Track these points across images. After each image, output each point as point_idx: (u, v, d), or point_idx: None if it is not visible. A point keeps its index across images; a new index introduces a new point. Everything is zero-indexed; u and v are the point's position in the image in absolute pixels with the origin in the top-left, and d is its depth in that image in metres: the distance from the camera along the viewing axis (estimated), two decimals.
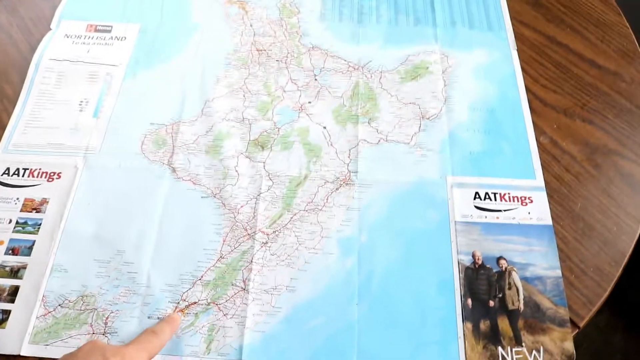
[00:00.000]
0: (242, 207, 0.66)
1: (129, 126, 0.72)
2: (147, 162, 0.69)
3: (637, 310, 1.44)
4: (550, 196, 0.68)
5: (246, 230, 0.64)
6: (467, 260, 0.63)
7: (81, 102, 0.74)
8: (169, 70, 0.77)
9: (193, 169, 0.68)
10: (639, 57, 0.81)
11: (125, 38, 0.80)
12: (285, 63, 0.78)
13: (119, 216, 0.65)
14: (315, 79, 0.76)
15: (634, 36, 0.84)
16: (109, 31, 0.80)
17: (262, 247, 0.63)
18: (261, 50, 0.79)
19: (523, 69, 0.78)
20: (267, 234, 0.64)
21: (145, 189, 0.67)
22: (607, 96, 0.77)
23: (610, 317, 1.44)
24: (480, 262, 0.63)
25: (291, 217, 0.65)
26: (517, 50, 0.81)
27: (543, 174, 0.69)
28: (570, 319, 0.60)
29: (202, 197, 0.66)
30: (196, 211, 0.66)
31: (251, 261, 0.62)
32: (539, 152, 0.71)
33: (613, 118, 0.75)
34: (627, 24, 0.85)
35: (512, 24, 0.84)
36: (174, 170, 0.68)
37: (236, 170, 0.68)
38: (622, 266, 0.64)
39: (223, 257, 0.63)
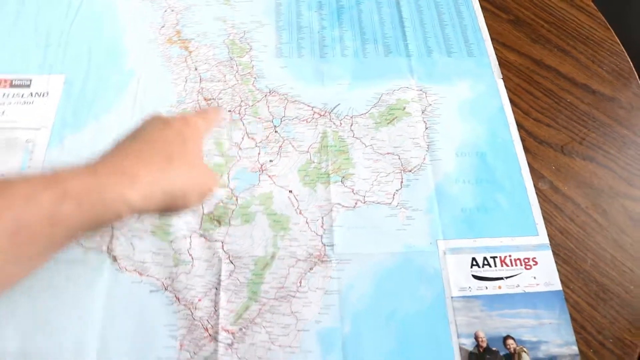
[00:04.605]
0: (200, 300, 0.55)
1: None
2: (82, 251, 0.57)
3: None
4: (556, 254, 0.59)
5: (207, 330, 0.53)
6: (469, 344, 0.54)
7: None
8: (102, 129, 0.64)
9: (138, 256, 0.57)
10: (634, 77, 0.73)
11: (47, 93, 0.67)
12: (239, 113, 0.66)
13: (50, 324, 0.53)
14: (276, 131, 0.65)
15: (626, 53, 0.75)
16: (28, 86, 0.67)
17: (227, 349, 0.53)
18: (210, 99, 0.67)
19: (512, 101, 0.69)
20: (233, 333, 0.53)
21: (81, 286, 0.55)
22: (606, 127, 0.68)
23: None
24: (484, 344, 0.54)
25: (259, 309, 0.55)
26: (503, 78, 0.71)
27: (546, 228, 0.60)
28: None
29: (150, 292, 0.55)
30: (145, 310, 0.54)
31: None
32: (538, 201, 0.62)
33: (616, 152, 0.67)
34: (618, 40, 0.76)
35: (494, 48, 0.74)
36: (114, 259, 0.56)
37: (190, 254, 0.57)
38: None
39: None
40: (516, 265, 0.58)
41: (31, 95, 0.67)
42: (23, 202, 0.33)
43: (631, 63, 0.74)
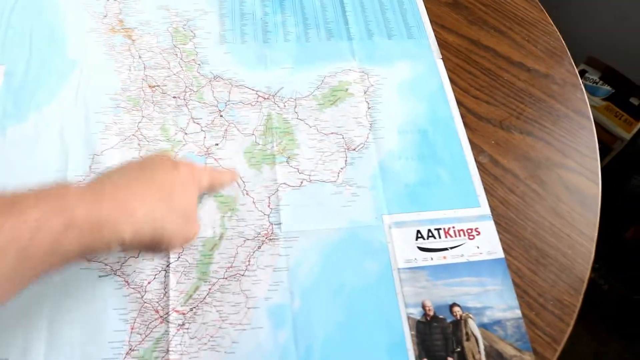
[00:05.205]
0: (149, 283, 0.55)
1: None
2: None
3: None
4: (497, 224, 0.61)
5: (157, 311, 0.54)
6: (417, 313, 0.55)
7: None
8: (45, 120, 0.64)
9: None
10: (566, 55, 0.76)
11: None
12: (184, 99, 0.66)
13: None
14: (221, 116, 0.65)
15: (559, 33, 0.78)
16: None
17: (178, 330, 0.53)
18: (154, 86, 0.67)
19: (451, 80, 0.71)
20: (184, 314, 0.54)
21: None
22: (541, 102, 0.71)
23: None
24: (432, 313, 0.56)
25: (209, 289, 0.55)
26: (443, 58, 0.73)
27: (487, 199, 0.62)
28: None
29: (99, 277, 0.55)
30: (94, 295, 0.54)
31: (167, 350, 0.52)
32: (479, 174, 0.64)
33: (551, 126, 0.69)
34: (551, 21, 0.79)
35: (434, 30, 0.76)
36: None
37: None
38: (582, 294, 0.58)
39: (133, 350, 0.52)
40: (460, 236, 0.60)
41: None
42: (33, 229, 0.35)
43: (563, 42, 0.77)
